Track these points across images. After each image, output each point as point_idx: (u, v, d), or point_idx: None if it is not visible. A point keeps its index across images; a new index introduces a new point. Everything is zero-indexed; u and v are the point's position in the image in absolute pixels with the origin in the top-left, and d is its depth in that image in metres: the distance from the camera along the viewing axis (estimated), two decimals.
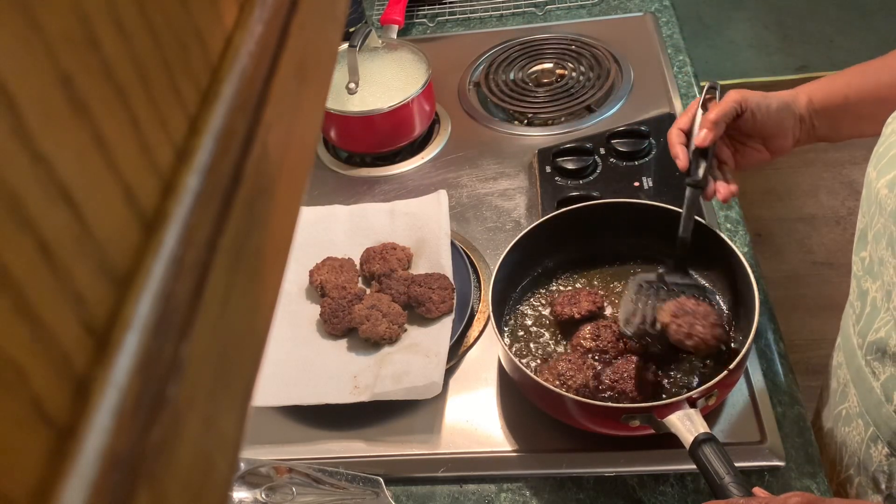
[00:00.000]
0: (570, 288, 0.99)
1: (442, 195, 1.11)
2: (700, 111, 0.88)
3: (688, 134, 0.88)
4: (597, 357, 0.88)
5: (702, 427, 0.74)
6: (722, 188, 0.87)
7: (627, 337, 0.88)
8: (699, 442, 0.72)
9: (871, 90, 0.85)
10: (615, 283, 0.98)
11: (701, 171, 0.86)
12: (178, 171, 0.22)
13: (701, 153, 0.86)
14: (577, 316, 0.91)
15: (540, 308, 0.97)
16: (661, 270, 0.92)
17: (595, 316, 0.92)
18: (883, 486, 0.78)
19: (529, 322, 0.95)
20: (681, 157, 0.87)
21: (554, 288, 0.99)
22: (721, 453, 0.71)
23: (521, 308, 0.97)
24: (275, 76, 0.28)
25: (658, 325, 0.86)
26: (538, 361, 0.91)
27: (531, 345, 0.93)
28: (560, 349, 0.92)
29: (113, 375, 0.18)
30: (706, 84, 0.91)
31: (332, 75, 0.41)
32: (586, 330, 0.90)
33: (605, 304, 0.95)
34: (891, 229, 0.67)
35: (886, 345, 0.72)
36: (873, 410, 0.76)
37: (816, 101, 0.87)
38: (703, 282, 0.94)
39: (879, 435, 0.76)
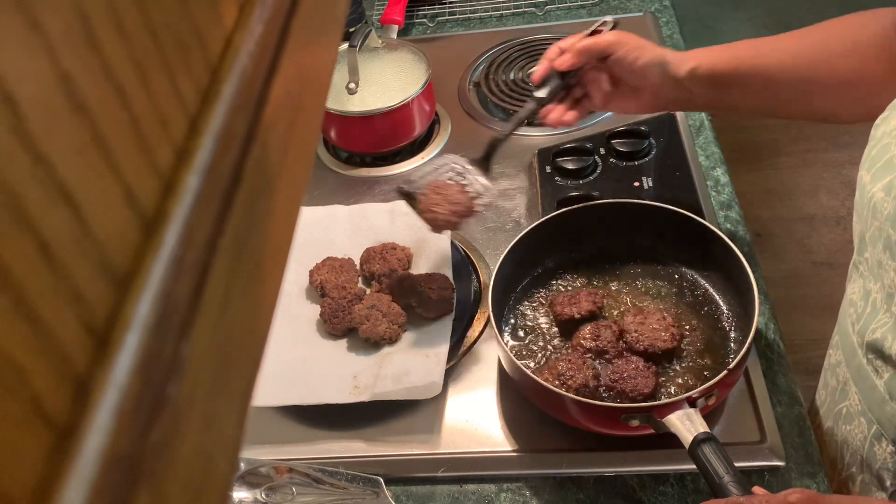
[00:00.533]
0: (570, 288, 0.99)
1: None
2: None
3: (563, 50, 0.92)
4: (597, 357, 0.88)
5: (701, 427, 0.74)
6: (555, 112, 0.92)
7: (402, 192, 0.92)
8: (699, 441, 0.72)
9: (760, 67, 0.86)
10: (615, 283, 0.98)
11: (546, 90, 0.91)
12: (178, 171, 0.22)
13: (559, 75, 0.90)
14: (577, 316, 0.91)
15: (540, 308, 0.97)
16: (472, 160, 0.94)
17: (595, 316, 0.92)
18: (888, 483, 0.78)
19: (529, 322, 0.95)
20: (539, 70, 0.92)
21: (554, 288, 0.99)
22: (720, 453, 0.71)
23: (521, 308, 0.97)
24: (275, 76, 0.28)
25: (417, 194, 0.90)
26: (538, 361, 0.91)
27: (531, 345, 0.93)
28: (560, 349, 0.92)
29: (113, 375, 0.18)
30: (606, 18, 0.97)
31: (332, 75, 0.41)
32: (586, 330, 0.90)
33: (605, 304, 0.95)
34: (887, 232, 0.67)
35: (883, 346, 0.72)
36: (876, 408, 0.76)
37: (702, 69, 0.87)
38: (487, 182, 0.93)
39: (884, 433, 0.76)
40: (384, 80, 1.25)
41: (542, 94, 0.91)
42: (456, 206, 0.88)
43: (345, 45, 1.21)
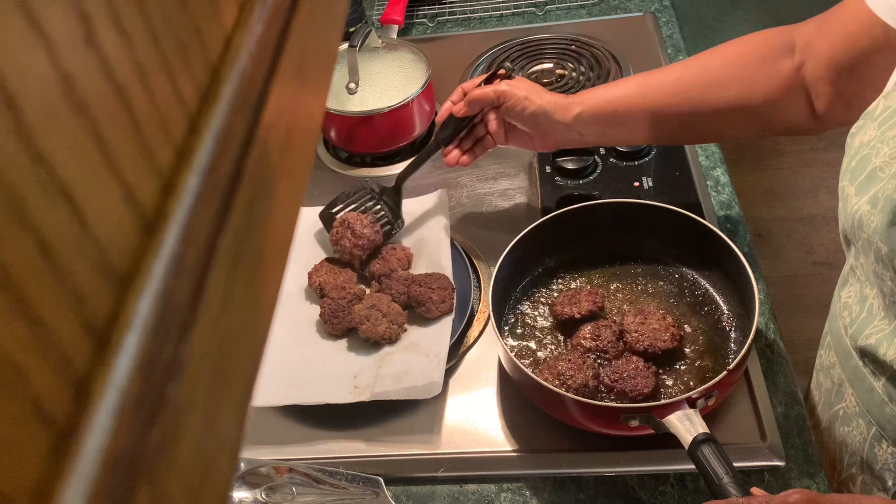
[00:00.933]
0: (570, 287, 0.98)
1: (442, 195, 1.11)
2: (483, 85, 0.99)
3: (465, 93, 1.00)
4: (597, 357, 0.88)
5: (701, 427, 0.74)
6: (452, 154, 1.03)
7: (323, 217, 1.08)
8: (698, 442, 0.72)
9: (644, 106, 0.92)
10: (615, 283, 0.98)
11: (446, 132, 1.02)
12: (178, 171, 0.22)
13: (457, 119, 1.00)
14: (577, 316, 0.91)
15: (540, 308, 0.97)
16: (384, 188, 1.08)
17: (595, 316, 0.92)
18: (890, 484, 0.77)
19: (529, 322, 0.95)
20: (441, 112, 1.03)
21: (554, 287, 0.99)
22: (720, 453, 0.71)
23: (521, 308, 0.97)
24: (275, 76, 0.28)
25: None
26: (538, 361, 0.91)
27: (531, 345, 0.93)
28: (560, 349, 0.92)
29: (113, 375, 0.18)
30: (506, 65, 1.04)
31: (332, 75, 0.41)
32: (586, 330, 0.90)
33: (606, 304, 0.95)
34: (877, 245, 0.66)
35: (877, 352, 0.72)
36: (875, 410, 0.76)
37: (586, 113, 0.94)
38: (398, 211, 1.07)
39: (884, 434, 0.76)
40: (384, 80, 1.25)
41: (442, 135, 1.02)
42: (360, 240, 1.01)
43: (345, 45, 1.21)
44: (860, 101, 0.79)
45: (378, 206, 1.06)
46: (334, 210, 1.07)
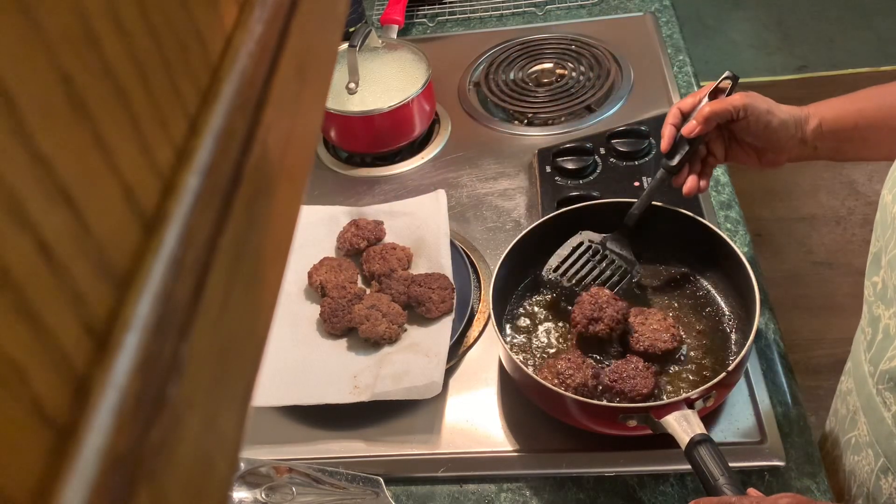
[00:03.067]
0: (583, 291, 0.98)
1: (440, 194, 1.11)
2: (706, 98, 0.88)
3: (685, 116, 0.89)
4: (597, 356, 0.88)
5: (698, 428, 0.74)
6: (690, 182, 0.90)
7: (544, 282, 0.95)
8: (695, 443, 0.72)
9: (884, 118, 0.84)
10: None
11: (677, 159, 0.89)
12: (178, 171, 0.22)
13: (686, 140, 0.89)
14: (597, 332, 0.88)
15: (540, 308, 0.97)
16: (605, 236, 0.96)
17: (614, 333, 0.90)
18: None
19: (529, 322, 0.95)
20: (665, 138, 0.89)
21: (554, 287, 0.99)
22: (716, 454, 0.71)
23: (521, 308, 0.97)
24: (275, 76, 0.28)
25: (575, 286, 0.95)
26: (538, 361, 0.91)
27: (531, 344, 0.93)
28: (560, 348, 0.92)
29: (113, 375, 0.18)
30: (728, 73, 0.90)
31: (332, 75, 0.41)
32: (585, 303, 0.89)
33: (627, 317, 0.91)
34: None
35: None
36: (884, 441, 0.75)
37: (826, 126, 0.86)
38: (632, 257, 0.96)
39: (890, 467, 0.75)
40: (384, 80, 1.25)
41: (673, 162, 0.90)
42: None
43: (345, 45, 1.21)
44: None
45: (605, 261, 0.96)
46: (558, 271, 0.96)
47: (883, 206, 0.69)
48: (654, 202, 0.95)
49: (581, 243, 0.96)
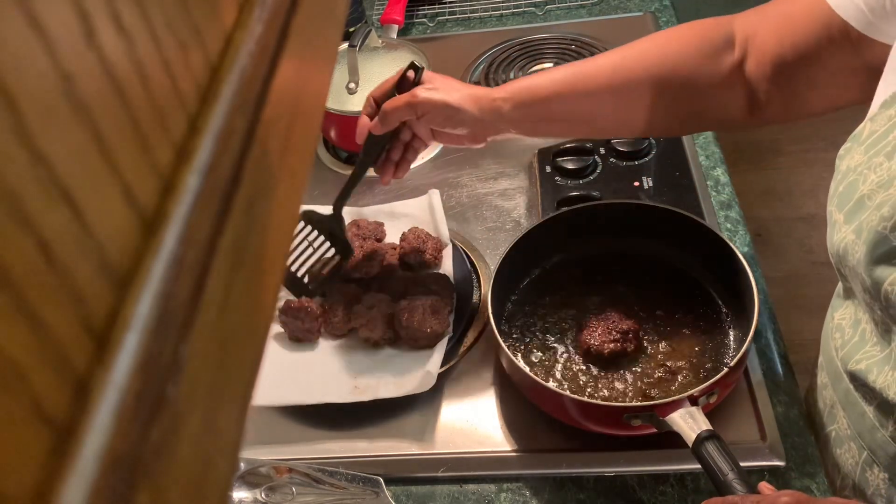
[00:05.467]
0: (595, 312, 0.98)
1: (434, 195, 1.11)
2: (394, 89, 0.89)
3: (378, 104, 0.90)
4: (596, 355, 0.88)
5: (704, 424, 0.74)
6: (386, 175, 0.94)
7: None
8: (702, 439, 0.72)
9: (579, 98, 0.84)
10: (615, 283, 0.98)
11: (370, 152, 0.92)
12: (178, 171, 0.22)
13: (377, 137, 0.90)
14: (605, 352, 0.88)
15: (539, 308, 0.97)
16: (326, 216, 0.97)
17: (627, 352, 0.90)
18: None
19: (529, 322, 0.95)
20: (359, 131, 0.91)
21: (554, 287, 0.99)
22: (724, 450, 0.71)
23: (521, 308, 0.97)
24: (275, 76, 0.28)
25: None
26: (538, 361, 0.91)
27: (531, 345, 0.93)
28: (561, 348, 0.92)
29: (113, 375, 0.18)
30: (411, 62, 0.91)
31: (332, 75, 0.41)
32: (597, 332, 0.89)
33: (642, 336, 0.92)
34: (861, 276, 0.64)
35: (867, 378, 0.70)
36: (867, 435, 0.74)
37: (511, 106, 0.85)
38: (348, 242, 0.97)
39: (875, 460, 0.74)
40: (384, 80, 1.25)
41: (367, 157, 0.92)
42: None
43: (345, 45, 1.21)
44: (802, 102, 0.75)
45: (321, 237, 0.97)
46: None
47: (833, 223, 0.67)
48: (661, 205, 0.95)
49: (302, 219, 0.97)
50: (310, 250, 0.98)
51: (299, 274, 0.97)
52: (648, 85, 0.81)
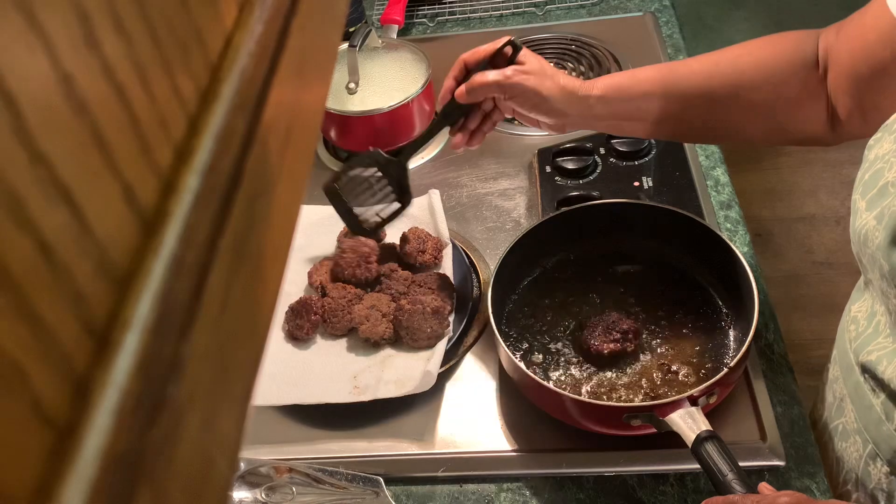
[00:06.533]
0: (567, 282, 0.98)
1: (434, 195, 1.11)
2: (488, 60, 0.88)
3: (469, 70, 0.89)
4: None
5: (703, 425, 0.74)
6: (458, 139, 0.92)
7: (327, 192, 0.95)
8: (701, 439, 0.72)
9: (667, 100, 0.84)
10: (615, 283, 0.98)
11: (450, 115, 0.90)
12: (178, 171, 0.22)
13: (460, 106, 0.89)
14: (605, 353, 0.89)
15: (540, 308, 0.97)
16: (393, 160, 0.94)
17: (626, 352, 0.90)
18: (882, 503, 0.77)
19: (529, 322, 0.95)
20: (443, 91, 0.91)
21: (554, 288, 0.99)
22: (724, 450, 0.71)
23: (521, 308, 0.97)
24: (275, 76, 0.28)
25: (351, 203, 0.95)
26: (538, 361, 0.91)
27: (531, 345, 0.93)
28: (561, 348, 0.92)
29: (113, 375, 0.18)
30: (509, 38, 0.88)
31: (332, 75, 0.41)
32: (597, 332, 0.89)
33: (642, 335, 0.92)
34: (880, 262, 0.65)
35: (877, 370, 0.71)
36: (872, 428, 0.75)
37: (601, 99, 0.85)
38: (409, 189, 0.95)
39: (879, 453, 0.75)
40: (384, 80, 1.25)
41: (445, 118, 0.91)
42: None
43: (345, 45, 1.21)
44: (878, 114, 0.75)
45: (384, 181, 0.95)
46: (338, 184, 0.96)
47: (856, 210, 0.68)
48: (661, 205, 0.95)
49: (369, 157, 0.95)
50: (370, 192, 0.95)
51: (360, 215, 0.95)
52: (739, 91, 0.82)
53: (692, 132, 0.89)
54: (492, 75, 0.85)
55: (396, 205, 0.95)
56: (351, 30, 1.33)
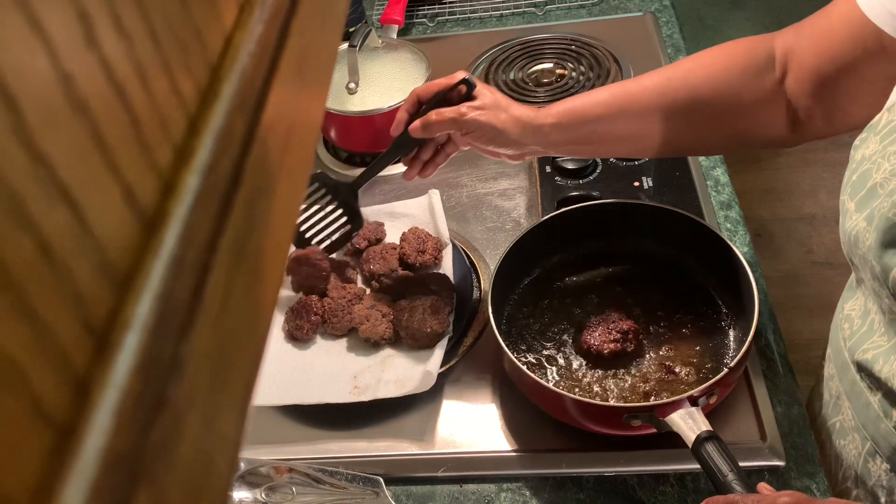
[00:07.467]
0: (569, 282, 0.98)
1: (434, 195, 1.11)
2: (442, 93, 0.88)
3: (421, 104, 0.89)
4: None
5: (704, 425, 0.74)
6: (411, 170, 0.92)
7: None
8: (702, 440, 0.72)
9: (625, 120, 0.84)
10: (614, 283, 0.98)
11: (402, 147, 0.90)
12: (178, 171, 0.22)
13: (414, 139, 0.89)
14: (605, 353, 0.89)
15: (540, 308, 0.97)
16: (342, 184, 0.95)
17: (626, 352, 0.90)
18: (883, 501, 0.77)
19: (529, 322, 0.95)
20: (394, 124, 0.90)
21: (553, 288, 0.99)
22: (724, 451, 0.71)
23: (521, 308, 0.97)
24: (275, 76, 0.28)
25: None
26: (538, 361, 0.91)
27: (531, 345, 0.93)
28: (561, 348, 0.92)
29: (113, 375, 0.18)
30: (464, 77, 0.87)
31: (332, 75, 0.41)
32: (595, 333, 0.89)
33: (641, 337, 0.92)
34: (871, 263, 0.65)
35: (873, 368, 0.71)
36: (871, 425, 0.75)
37: (556, 128, 0.85)
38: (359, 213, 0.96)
39: (878, 450, 0.75)
40: (384, 80, 1.25)
41: (399, 151, 0.90)
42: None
43: (345, 45, 1.21)
44: (843, 115, 0.76)
45: (335, 205, 0.95)
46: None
47: (845, 211, 0.68)
48: (661, 205, 0.95)
49: (318, 179, 0.95)
50: (321, 213, 0.95)
51: (307, 234, 0.95)
52: (694, 105, 0.82)
53: (652, 148, 0.88)
54: (447, 113, 0.85)
55: (347, 227, 0.96)
56: (351, 30, 1.33)
